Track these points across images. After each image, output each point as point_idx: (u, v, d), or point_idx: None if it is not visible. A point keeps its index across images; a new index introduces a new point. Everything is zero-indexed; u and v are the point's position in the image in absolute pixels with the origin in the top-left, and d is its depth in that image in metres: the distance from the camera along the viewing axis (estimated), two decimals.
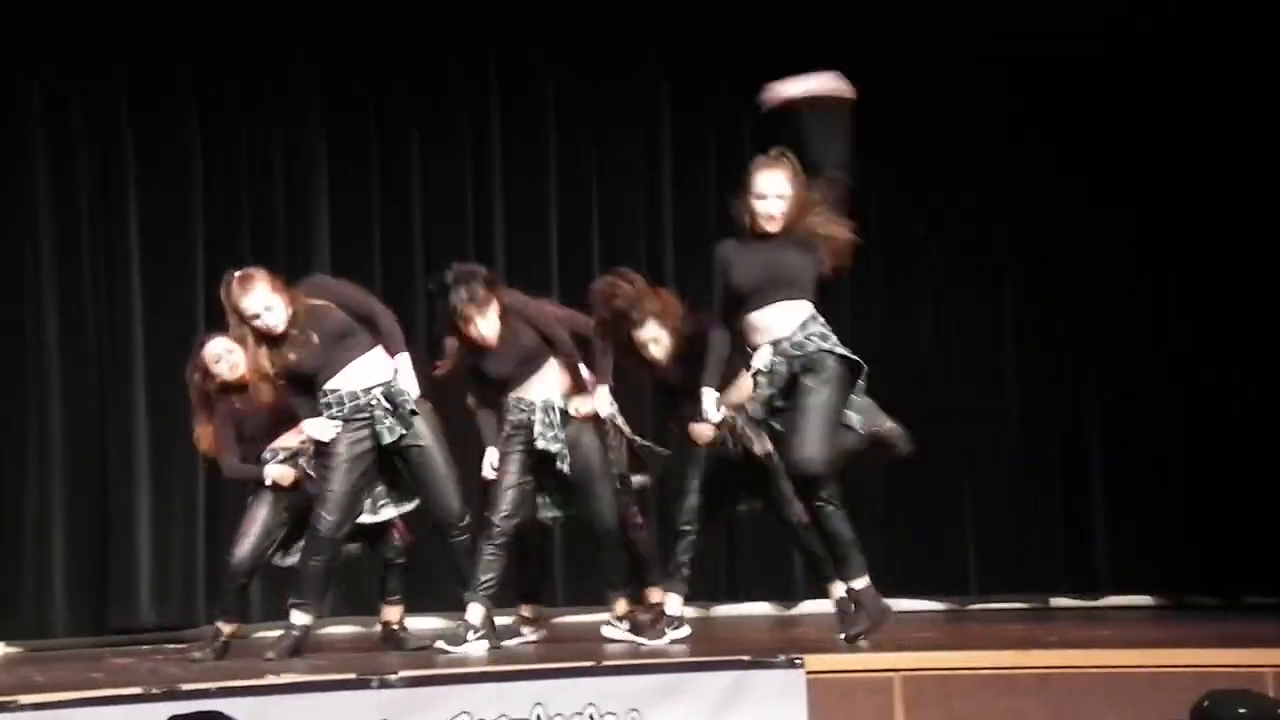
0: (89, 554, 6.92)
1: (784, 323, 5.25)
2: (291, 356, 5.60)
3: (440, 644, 5.70)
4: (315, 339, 5.60)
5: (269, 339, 5.61)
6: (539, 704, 4.89)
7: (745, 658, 5.18)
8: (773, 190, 5.27)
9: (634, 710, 4.97)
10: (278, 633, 5.80)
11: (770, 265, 5.25)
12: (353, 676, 4.90)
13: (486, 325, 5.71)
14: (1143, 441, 7.80)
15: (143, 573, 7.02)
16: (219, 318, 6.81)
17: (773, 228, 5.28)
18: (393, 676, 4.85)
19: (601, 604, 6.10)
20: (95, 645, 6.54)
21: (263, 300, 5.58)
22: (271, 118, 7.39)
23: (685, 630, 5.79)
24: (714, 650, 5.56)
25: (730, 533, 7.89)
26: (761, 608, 7.68)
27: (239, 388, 5.81)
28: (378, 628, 6.17)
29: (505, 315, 5.77)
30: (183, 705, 4.49)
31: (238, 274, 5.66)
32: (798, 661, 5.11)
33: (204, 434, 5.92)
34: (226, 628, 5.84)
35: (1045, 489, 7.91)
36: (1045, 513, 7.89)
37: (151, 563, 7.05)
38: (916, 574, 7.65)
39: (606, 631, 5.89)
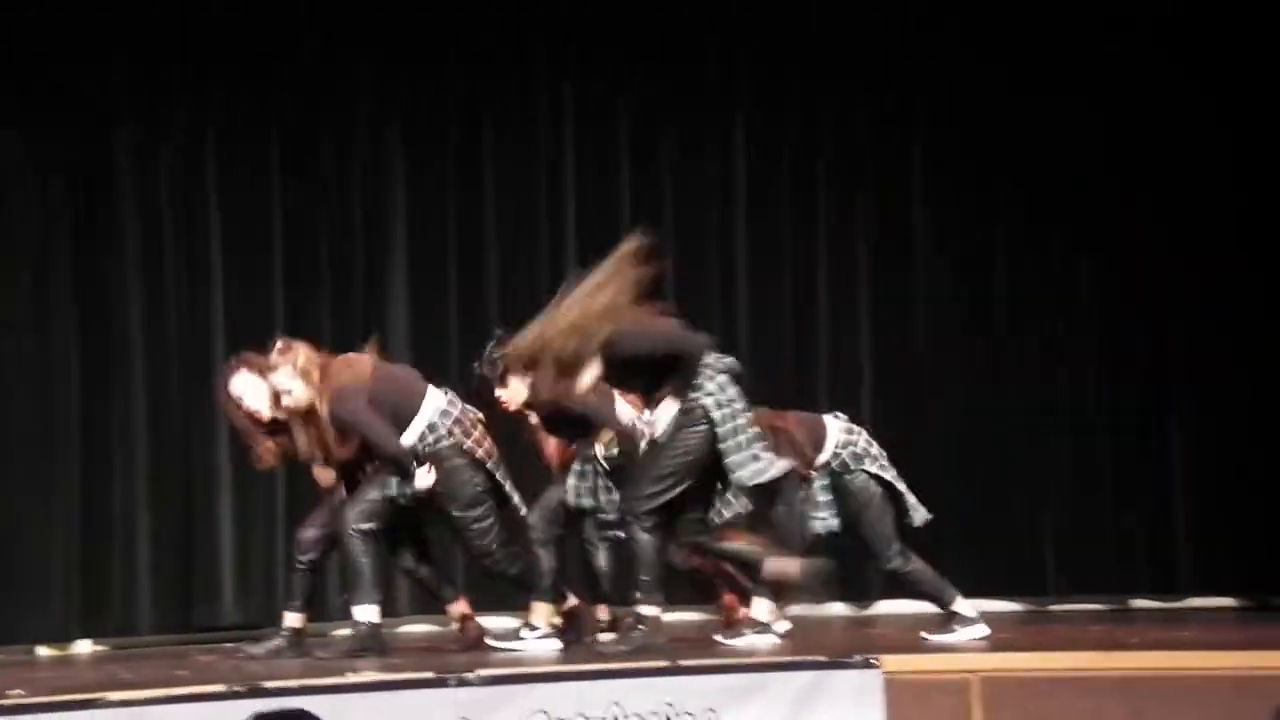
0: (174, 553, 7.02)
1: None
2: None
3: (504, 643, 5.76)
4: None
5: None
6: (616, 703, 4.91)
7: (822, 658, 5.18)
8: None
9: (711, 710, 4.98)
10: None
11: None
12: (431, 675, 4.95)
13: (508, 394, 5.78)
14: (1225, 440, 7.70)
15: (225, 572, 7.12)
16: (294, 321, 6.95)
17: None
18: (471, 675, 4.89)
19: (677, 604, 6.15)
20: (180, 643, 6.64)
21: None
22: (349, 122, 7.45)
23: (770, 638, 5.79)
24: (790, 650, 5.55)
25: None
26: (836, 608, 7.66)
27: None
28: (453, 626, 6.21)
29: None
30: (266, 703, 4.56)
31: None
32: (874, 662, 5.10)
33: (266, 451, 5.81)
34: (292, 619, 5.82)
35: (1126, 488, 7.83)
36: (1126, 512, 7.81)
37: (234, 562, 7.15)
38: (994, 574, 7.59)
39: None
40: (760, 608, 5.81)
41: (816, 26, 7.84)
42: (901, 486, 5.95)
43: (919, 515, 5.97)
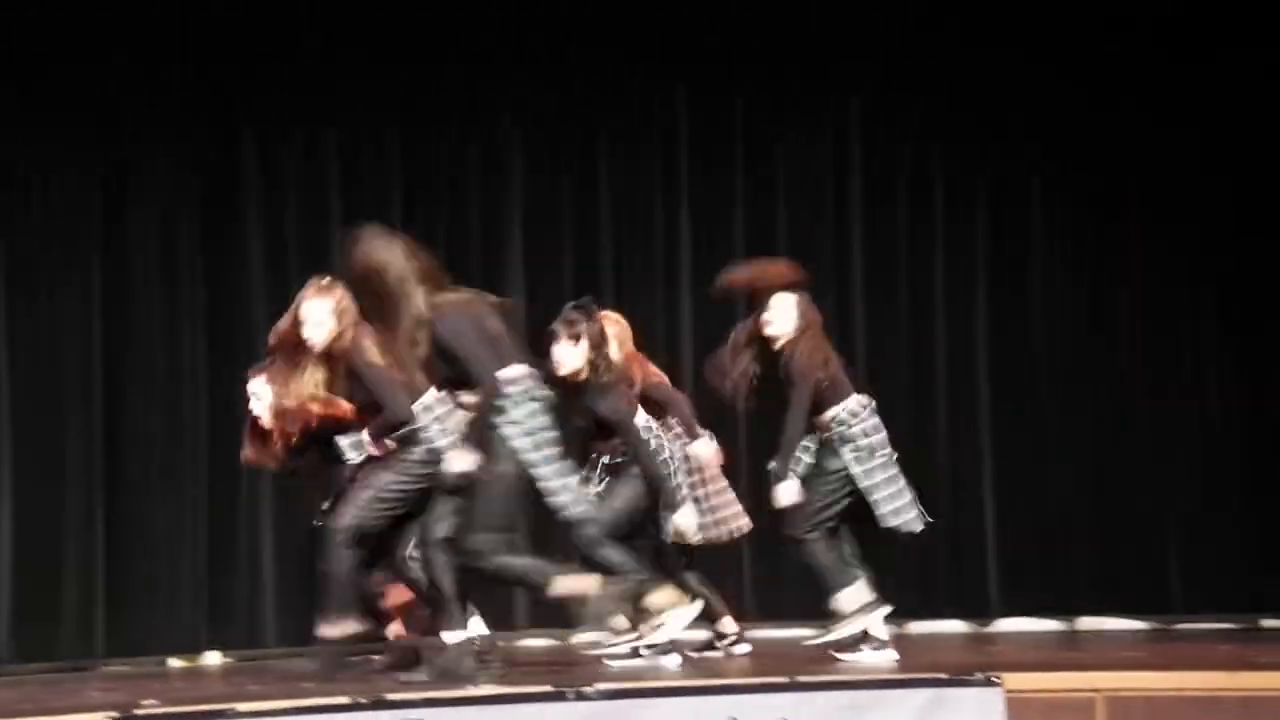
0: (296, 566, 7.13)
1: None
2: None
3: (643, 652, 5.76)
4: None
5: None
6: (733, 717, 4.91)
7: (942, 675, 5.13)
8: None
9: None
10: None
11: None
12: (550, 689, 4.98)
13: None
14: None
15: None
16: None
17: None
18: (589, 689, 4.92)
19: (794, 617, 6.13)
20: (303, 655, 6.75)
21: None
22: (466, 123, 7.54)
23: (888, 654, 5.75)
24: (910, 667, 5.51)
25: (924, 550, 7.82)
26: (956, 625, 7.58)
27: None
28: (574, 640, 6.24)
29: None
30: (388, 715, 4.63)
31: None
32: (995, 680, 5.04)
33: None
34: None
35: (1255, 504, 7.67)
36: (1254, 529, 7.64)
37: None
38: (1120, 591, 7.48)
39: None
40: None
41: (932, 41, 7.80)
42: (880, 494, 5.75)
43: (896, 520, 5.76)
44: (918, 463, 7.69)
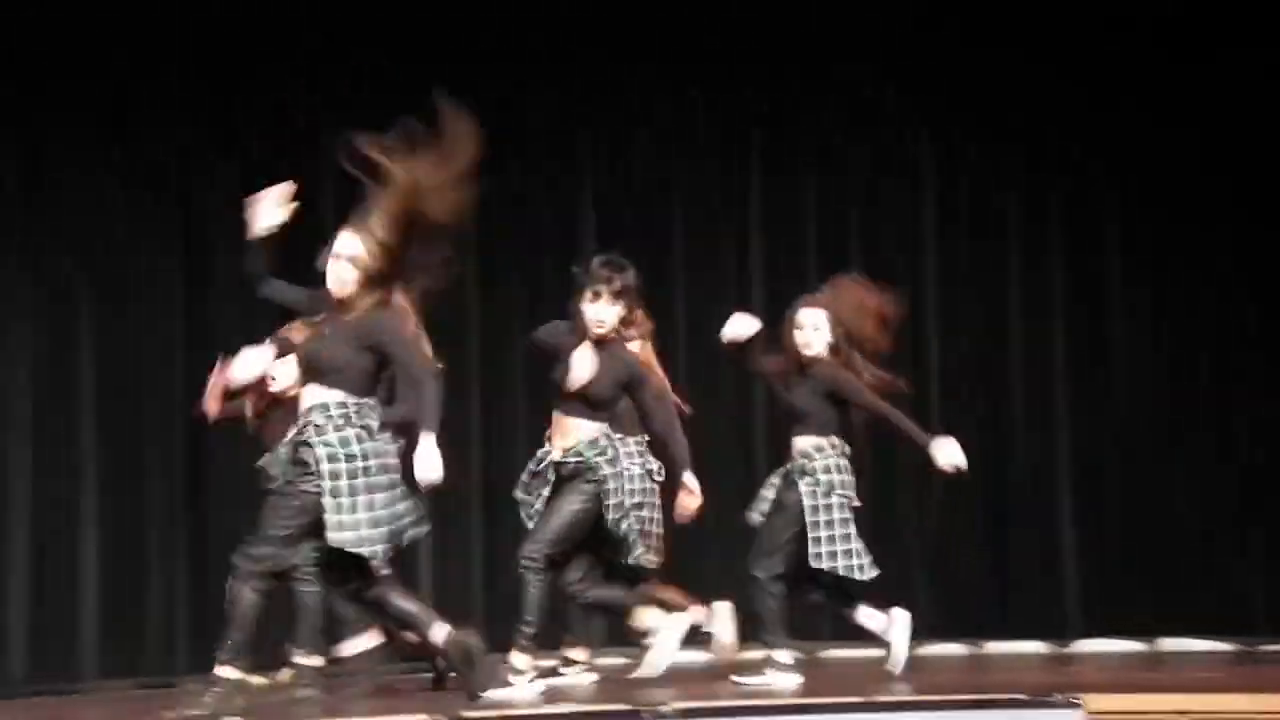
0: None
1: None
2: None
3: (737, 678, 5.73)
4: None
5: None
6: None
7: (1021, 696, 5.08)
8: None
9: None
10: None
11: None
12: (626, 708, 4.99)
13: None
14: None
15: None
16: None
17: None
18: (665, 709, 4.92)
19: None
20: (389, 673, 6.78)
21: None
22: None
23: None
24: (988, 688, 5.46)
25: (1000, 569, 7.76)
26: (1034, 646, 7.51)
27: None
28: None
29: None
30: None
31: None
32: (1075, 701, 4.99)
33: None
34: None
35: None
36: None
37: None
38: (1202, 612, 7.37)
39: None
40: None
41: (1007, 69, 7.78)
42: (820, 532, 5.68)
43: (824, 563, 5.67)
44: (996, 481, 7.74)
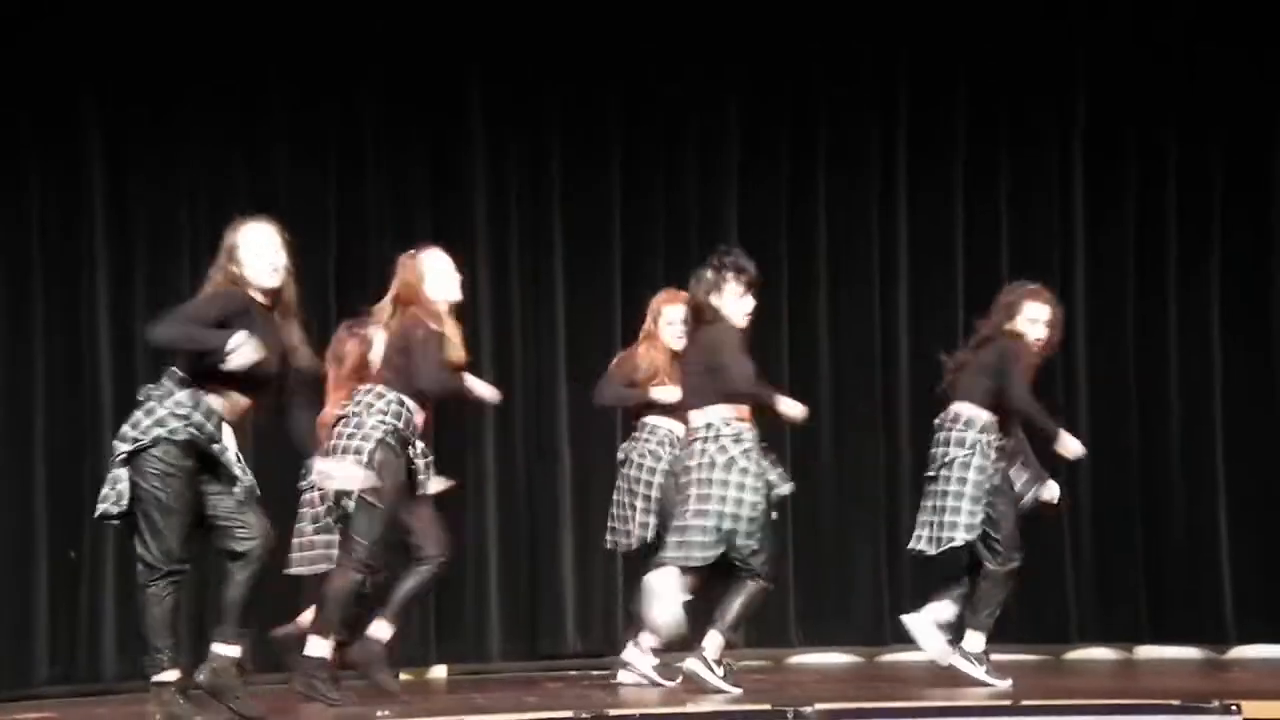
0: (520, 585, 7.28)
1: None
2: None
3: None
4: None
5: None
6: None
7: (1175, 702, 4.97)
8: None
9: None
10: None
11: None
12: (768, 707, 4.98)
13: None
14: None
15: (568, 603, 7.33)
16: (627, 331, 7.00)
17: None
18: (808, 710, 4.89)
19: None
20: (526, 670, 6.88)
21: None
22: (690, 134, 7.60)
23: None
24: (1140, 694, 5.35)
25: (1153, 572, 7.59)
26: (1190, 651, 7.32)
27: None
28: (795, 659, 6.19)
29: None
30: None
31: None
32: (1234, 708, 4.86)
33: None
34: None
35: None
36: None
37: (575, 594, 7.36)
38: None
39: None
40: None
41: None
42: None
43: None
44: (1150, 481, 7.57)
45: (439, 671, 6.96)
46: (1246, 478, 7.56)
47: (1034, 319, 5.78)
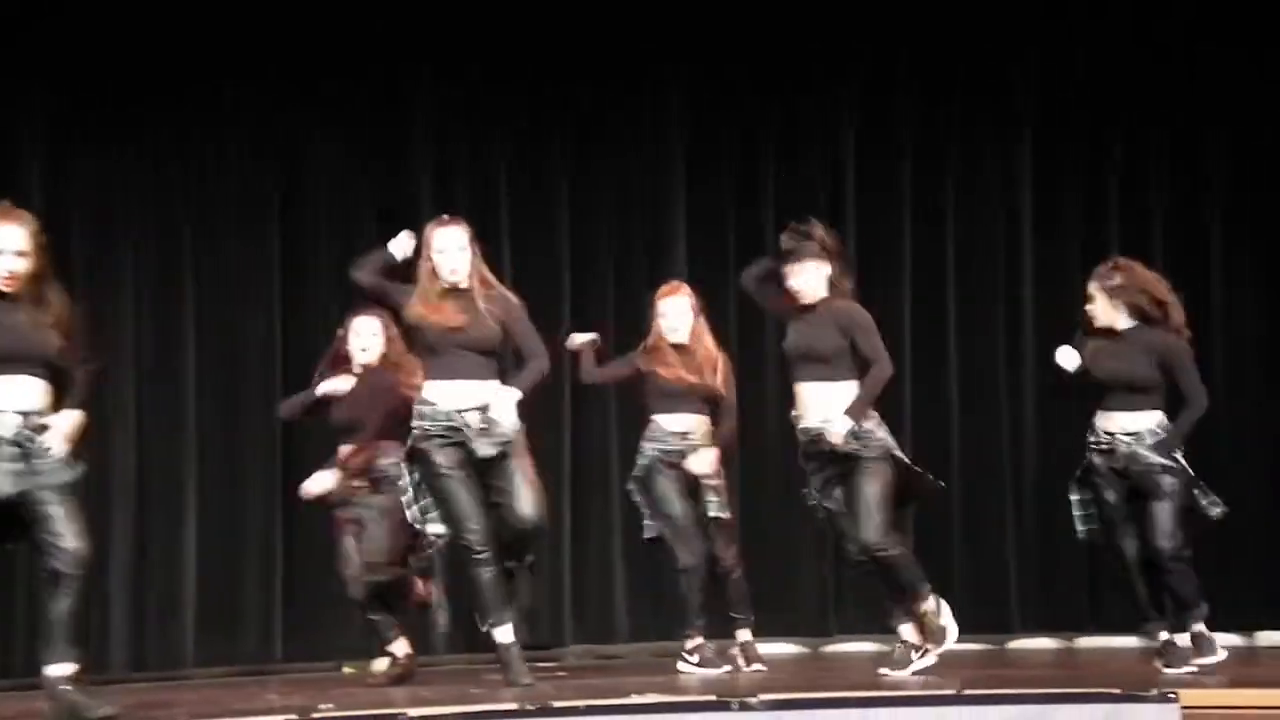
0: (464, 575, 7.24)
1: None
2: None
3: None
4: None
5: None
6: None
7: (1116, 690, 5.01)
8: None
9: None
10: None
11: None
12: (714, 698, 4.99)
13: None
14: None
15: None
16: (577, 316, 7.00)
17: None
18: (753, 700, 4.91)
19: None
20: (471, 662, 6.86)
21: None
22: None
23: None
24: (1081, 682, 5.40)
25: (1095, 563, 7.65)
26: (1130, 640, 7.40)
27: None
28: (734, 650, 6.22)
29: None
30: None
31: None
32: (1171, 696, 4.91)
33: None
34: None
35: None
36: None
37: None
38: None
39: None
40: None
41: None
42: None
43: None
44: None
45: (382, 664, 6.92)
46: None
47: None
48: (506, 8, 7.44)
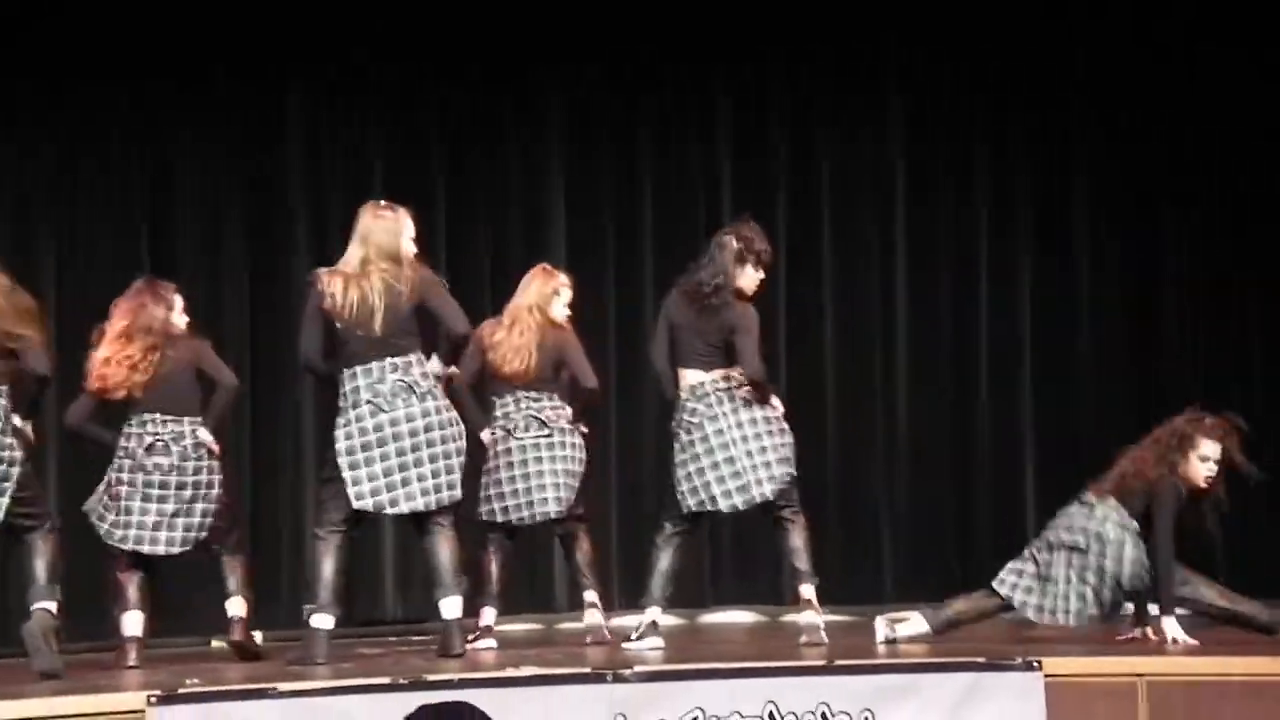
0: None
1: None
2: None
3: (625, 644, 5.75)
4: None
5: None
6: (771, 701, 4.91)
7: (981, 659, 5.11)
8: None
9: (867, 710, 4.95)
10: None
11: None
12: (588, 670, 5.01)
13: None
14: None
15: (387, 567, 7.26)
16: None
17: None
18: (627, 671, 4.94)
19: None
20: (343, 636, 6.78)
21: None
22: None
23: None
24: (949, 651, 5.49)
25: (964, 534, 7.81)
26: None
27: None
28: (617, 621, 6.23)
29: None
30: (429, 695, 4.66)
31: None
32: (1035, 664, 5.02)
33: None
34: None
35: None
36: None
37: (395, 557, 7.28)
38: None
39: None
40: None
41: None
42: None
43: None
44: (962, 451, 7.74)
45: (255, 637, 6.83)
46: (1055, 446, 7.82)
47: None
48: (380, 6, 7.36)
